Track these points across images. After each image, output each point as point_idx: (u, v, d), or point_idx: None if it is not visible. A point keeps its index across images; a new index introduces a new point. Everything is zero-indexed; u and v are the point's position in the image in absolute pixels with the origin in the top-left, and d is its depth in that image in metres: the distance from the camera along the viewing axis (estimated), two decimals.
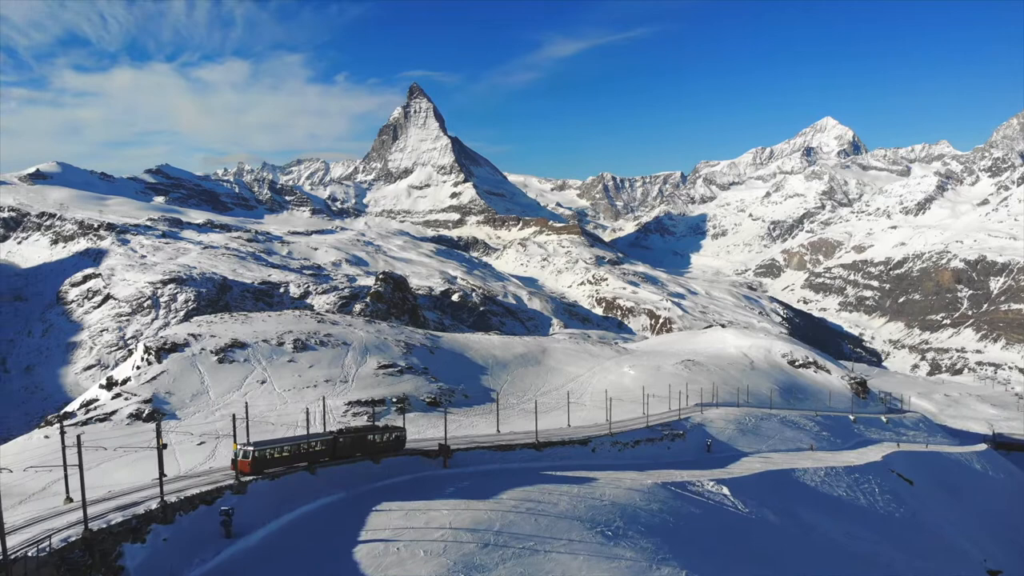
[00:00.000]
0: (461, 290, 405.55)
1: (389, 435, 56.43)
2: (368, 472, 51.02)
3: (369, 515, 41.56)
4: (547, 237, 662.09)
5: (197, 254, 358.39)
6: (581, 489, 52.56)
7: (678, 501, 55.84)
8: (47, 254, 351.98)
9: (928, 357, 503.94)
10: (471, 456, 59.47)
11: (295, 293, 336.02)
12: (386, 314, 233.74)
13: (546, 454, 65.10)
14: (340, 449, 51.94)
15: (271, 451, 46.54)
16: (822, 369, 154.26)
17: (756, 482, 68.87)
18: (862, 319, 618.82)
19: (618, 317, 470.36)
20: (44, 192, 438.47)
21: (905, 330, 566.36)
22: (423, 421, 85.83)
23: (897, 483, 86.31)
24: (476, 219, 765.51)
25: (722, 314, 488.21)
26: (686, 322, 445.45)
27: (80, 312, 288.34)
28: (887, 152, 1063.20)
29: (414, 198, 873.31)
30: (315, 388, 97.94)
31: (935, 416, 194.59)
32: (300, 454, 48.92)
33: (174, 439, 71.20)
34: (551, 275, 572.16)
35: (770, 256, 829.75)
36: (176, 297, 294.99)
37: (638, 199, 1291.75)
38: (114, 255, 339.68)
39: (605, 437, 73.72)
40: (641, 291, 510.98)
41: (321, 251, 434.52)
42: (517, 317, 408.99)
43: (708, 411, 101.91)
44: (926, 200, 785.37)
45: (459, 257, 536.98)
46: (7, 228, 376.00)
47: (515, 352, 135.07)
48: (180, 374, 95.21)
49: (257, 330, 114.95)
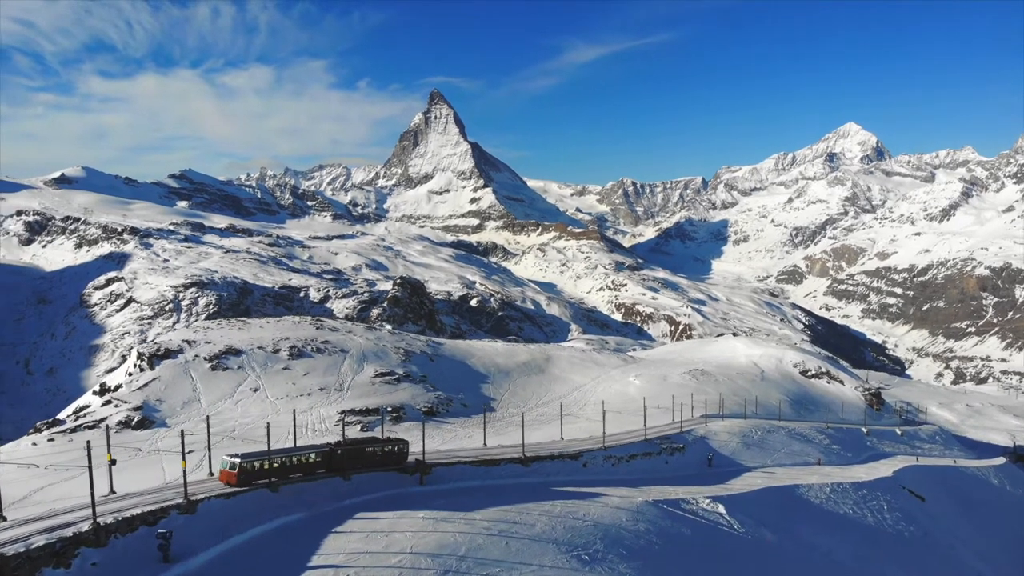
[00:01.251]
0: (480, 295, 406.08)
1: (391, 447, 54.68)
2: (337, 489, 48.20)
3: (327, 537, 39.32)
4: (566, 242, 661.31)
5: (219, 258, 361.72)
6: (563, 508, 49.97)
7: (668, 520, 53.28)
8: (71, 257, 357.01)
9: (952, 366, 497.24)
10: (452, 472, 56.70)
11: (315, 297, 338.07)
12: (403, 319, 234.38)
13: (533, 469, 62.32)
14: (337, 461, 50.17)
15: (260, 462, 45.09)
16: (835, 379, 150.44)
17: (755, 499, 66.09)
18: (885, 327, 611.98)
19: (637, 323, 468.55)
20: (69, 196, 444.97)
21: (929, 338, 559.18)
22: (418, 431, 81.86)
23: (908, 500, 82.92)
24: (495, 224, 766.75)
25: (743, 321, 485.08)
26: (706, 328, 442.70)
27: (103, 315, 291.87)
28: (911, 158, 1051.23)
29: (434, 203, 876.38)
30: (309, 396, 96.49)
31: (956, 427, 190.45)
32: (293, 466, 47.29)
33: (163, 448, 70.26)
34: (570, 280, 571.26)
35: (792, 262, 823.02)
36: (197, 301, 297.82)
37: (658, 204, 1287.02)
38: (137, 259, 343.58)
39: (598, 451, 70.89)
40: (661, 297, 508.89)
41: (341, 256, 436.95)
42: (535, 322, 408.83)
43: (713, 423, 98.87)
44: (951, 207, 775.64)
45: (478, 262, 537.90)
46: (32, 232, 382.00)
47: (518, 360, 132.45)
48: (172, 381, 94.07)
49: (253, 336, 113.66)
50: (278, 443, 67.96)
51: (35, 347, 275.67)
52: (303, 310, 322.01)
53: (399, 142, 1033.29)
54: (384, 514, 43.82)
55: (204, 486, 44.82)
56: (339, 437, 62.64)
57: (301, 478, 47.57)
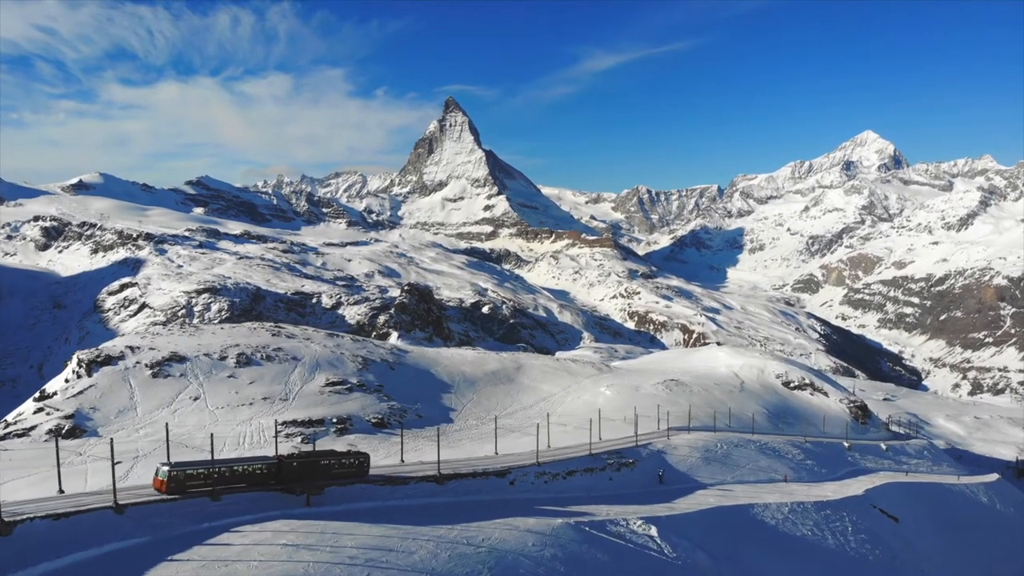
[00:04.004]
0: (492, 302, 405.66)
1: (350, 460, 53.33)
2: (200, 511, 43.38)
3: (155, 567, 35.04)
4: (579, 250, 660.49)
5: (232, 264, 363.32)
6: (461, 532, 44.73)
7: (584, 545, 48.23)
8: (87, 263, 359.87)
9: (970, 376, 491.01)
10: (349, 492, 51.63)
11: (327, 304, 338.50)
12: (411, 325, 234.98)
13: (448, 488, 56.96)
14: (287, 474, 48.69)
15: (196, 471, 44.39)
16: (819, 391, 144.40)
17: (699, 520, 61.14)
18: (902, 336, 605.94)
19: (650, 331, 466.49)
20: (86, 202, 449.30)
21: (946, 348, 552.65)
22: (364, 444, 79.13)
23: (878, 520, 77.93)
24: (509, 232, 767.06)
25: (757, 330, 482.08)
26: (720, 337, 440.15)
27: (116, 320, 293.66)
28: (929, 166, 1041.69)
29: (448, 210, 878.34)
30: (251, 406, 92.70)
31: (963, 440, 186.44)
32: (235, 477, 46.27)
33: (89, 457, 67.39)
34: (583, 288, 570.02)
35: (808, 271, 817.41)
36: (210, 306, 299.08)
37: (674, 212, 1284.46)
38: (151, 264, 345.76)
39: (531, 467, 65.78)
40: (675, 305, 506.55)
41: (355, 262, 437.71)
42: (547, 330, 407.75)
43: (678, 436, 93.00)
44: (969, 216, 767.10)
45: (490, 269, 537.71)
46: (49, 237, 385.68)
47: (487, 369, 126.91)
48: (109, 388, 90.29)
49: (202, 343, 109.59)
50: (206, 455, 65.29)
51: (49, 352, 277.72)
52: (315, 316, 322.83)
53: (414, 150, 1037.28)
54: (241, 540, 39.65)
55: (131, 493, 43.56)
56: (279, 449, 59.99)
57: (245, 489, 46.52)
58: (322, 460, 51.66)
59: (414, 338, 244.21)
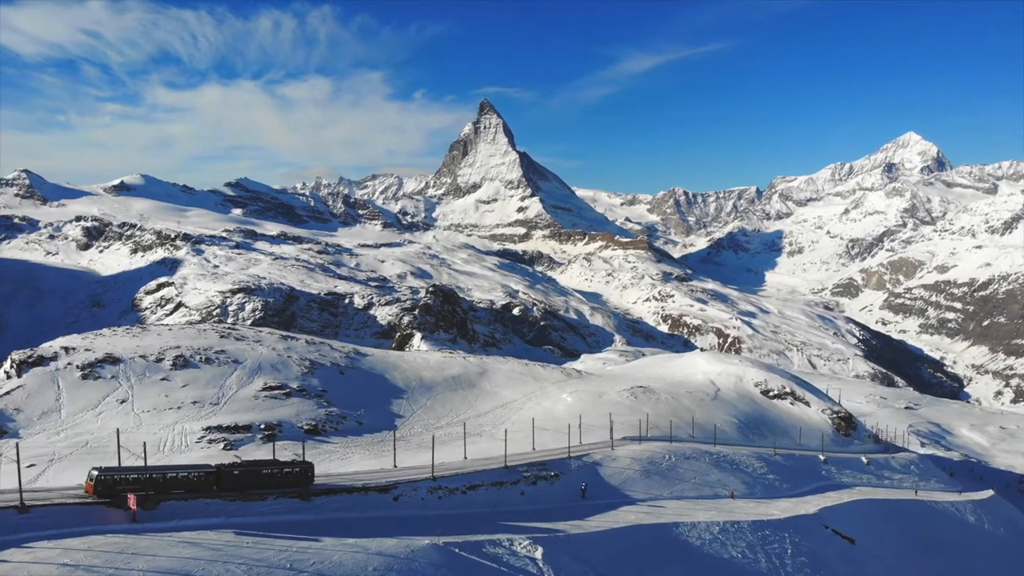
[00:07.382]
0: (522, 304, 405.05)
1: (293, 469, 52.50)
2: (2, 523, 39.32)
3: None
4: (613, 252, 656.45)
5: (268, 265, 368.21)
6: (288, 555, 38.45)
7: (443, 570, 42.04)
8: (126, 263, 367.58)
9: (1012, 384, 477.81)
10: (190, 507, 45.80)
11: (359, 304, 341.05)
12: (435, 327, 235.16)
13: (316, 505, 51.66)
14: (227, 482, 47.91)
15: (128, 476, 44.17)
16: (800, 400, 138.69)
17: (605, 540, 54.39)
18: (943, 342, 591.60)
19: (684, 335, 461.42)
20: (127, 203, 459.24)
21: (989, 355, 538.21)
22: (290, 452, 74.17)
23: (828, 542, 69.50)
24: (542, 233, 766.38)
25: (794, 334, 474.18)
26: (756, 342, 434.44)
27: (153, 319, 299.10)
28: (973, 169, 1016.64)
29: (481, 212, 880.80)
30: (178, 410, 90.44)
31: (986, 451, 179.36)
32: (170, 482, 45.81)
33: (3, 459, 64.63)
34: (615, 291, 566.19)
35: (848, 275, 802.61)
36: (244, 306, 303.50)
37: (711, 215, 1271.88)
38: (188, 264, 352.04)
39: (423, 482, 59.97)
40: (709, 309, 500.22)
41: (388, 263, 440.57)
42: (578, 332, 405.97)
43: (625, 446, 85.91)
44: (1013, 219, 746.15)
45: (522, 271, 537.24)
46: (90, 237, 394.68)
47: (447, 374, 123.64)
48: (37, 390, 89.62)
49: (141, 344, 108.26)
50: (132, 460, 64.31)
51: None
52: (347, 316, 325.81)
53: (449, 152, 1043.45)
54: (22, 557, 35.18)
55: None
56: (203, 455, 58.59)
57: (182, 495, 46.17)
58: (263, 469, 50.88)
59: (437, 339, 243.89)
